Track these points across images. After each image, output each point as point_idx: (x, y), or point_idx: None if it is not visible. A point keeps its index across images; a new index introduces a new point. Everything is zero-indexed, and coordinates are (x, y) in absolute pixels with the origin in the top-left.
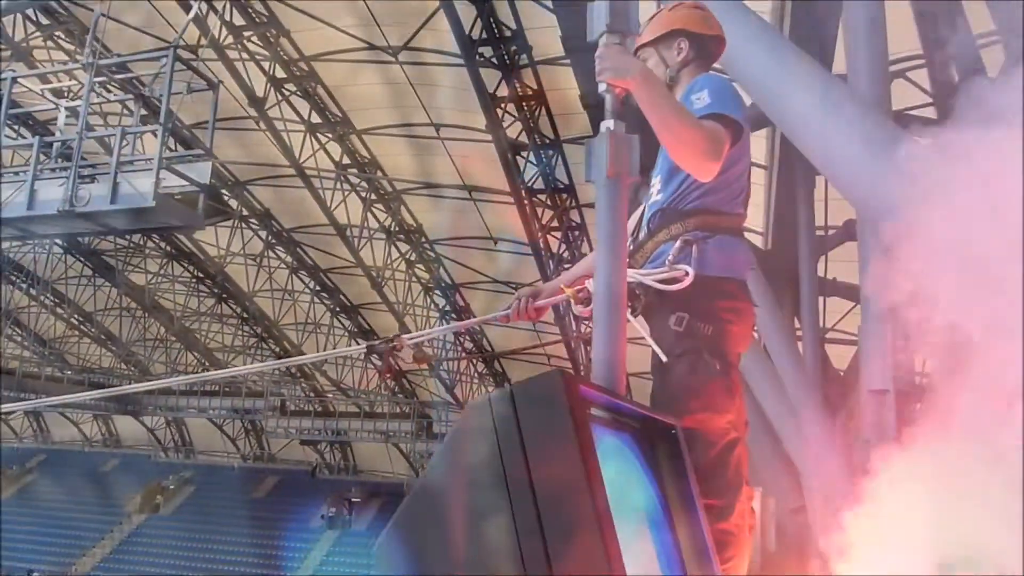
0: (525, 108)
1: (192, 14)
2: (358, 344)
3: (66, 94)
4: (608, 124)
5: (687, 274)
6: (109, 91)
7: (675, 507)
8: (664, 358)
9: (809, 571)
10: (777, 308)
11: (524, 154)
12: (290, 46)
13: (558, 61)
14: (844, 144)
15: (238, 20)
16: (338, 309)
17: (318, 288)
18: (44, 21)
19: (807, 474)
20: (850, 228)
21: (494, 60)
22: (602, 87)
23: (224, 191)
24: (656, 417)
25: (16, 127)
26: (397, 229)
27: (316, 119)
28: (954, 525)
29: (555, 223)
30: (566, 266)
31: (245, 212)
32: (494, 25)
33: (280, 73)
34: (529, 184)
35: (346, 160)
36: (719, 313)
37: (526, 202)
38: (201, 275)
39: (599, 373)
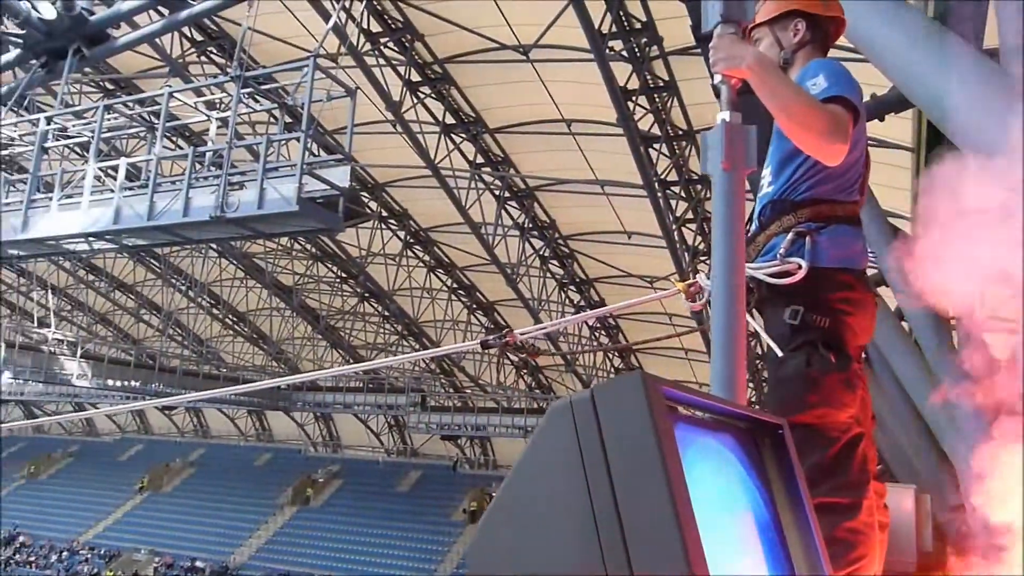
0: (656, 100)
1: (331, 23)
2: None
3: (217, 106)
4: (724, 115)
5: (800, 267)
6: (257, 101)
7: (782, 507)
8: (779, 352)
9: (969, 571)
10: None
11: (656, 146)
12: (424, 50)
13: (690, 51)
14: (996, 133)
15: (375, 27)
16: (474, 306)
17: (455, 286)
18: (198, 37)
19: (964, 471)
20: None
21: (624, 53)
22: (717, 78)
23: (364, 193)
24: (761, 417)
25: (174, 138)
26: (531, 225)
27: (450, 120)
28: None
29: (689, 215)
30: (702, 259)
31: (384, 213)
32: (624, 18)
33: (415, 76)
34: (662, 176)
35: (480, 159)
36: (835, 305)
37: (659, 195)
38: (344, 275)
39: (718, 368)
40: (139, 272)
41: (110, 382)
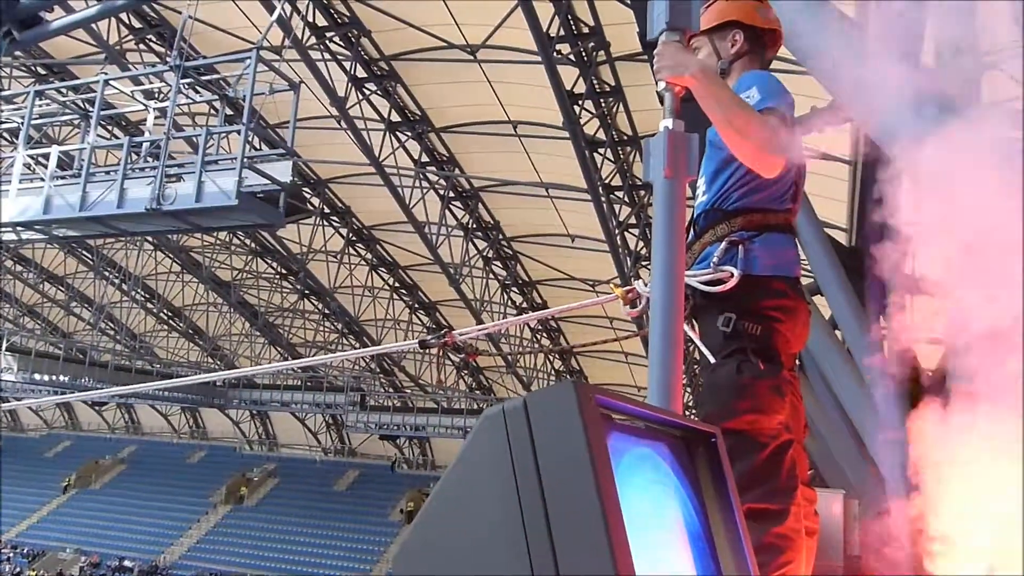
0: (603, 105)
1: (275, 15)
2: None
3: (156, 95)
4: (666, 123)
5: (732, 275)
6: (198, 92)
7: (713, 516)
8: (712, 359)
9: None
10: (860, 306)
11: (601, 151)
12: (371, 46)
13: (636, 57)
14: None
15: (321, 21)
16: (416, 306)
17: (397, 285)
18: (136, 24)
19: (892, 477)
20: None
21: (571, 57)
22: (661, 85)
23: (306, 189)
24: (694, 426)
25: (109, 128)
26: (475, 226)
27: (396, 118)
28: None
29: (633, 220)
30: (644, 264)
31: (326, 210)
32: (572, 22)
33: (361, 73)
34: (607, 181)
35: (425, 158)
36: (767, 312)
37: (603, 199)
38: (284, 271)
39: (656, 375)
40: (70, 264)
41: (37, 376)
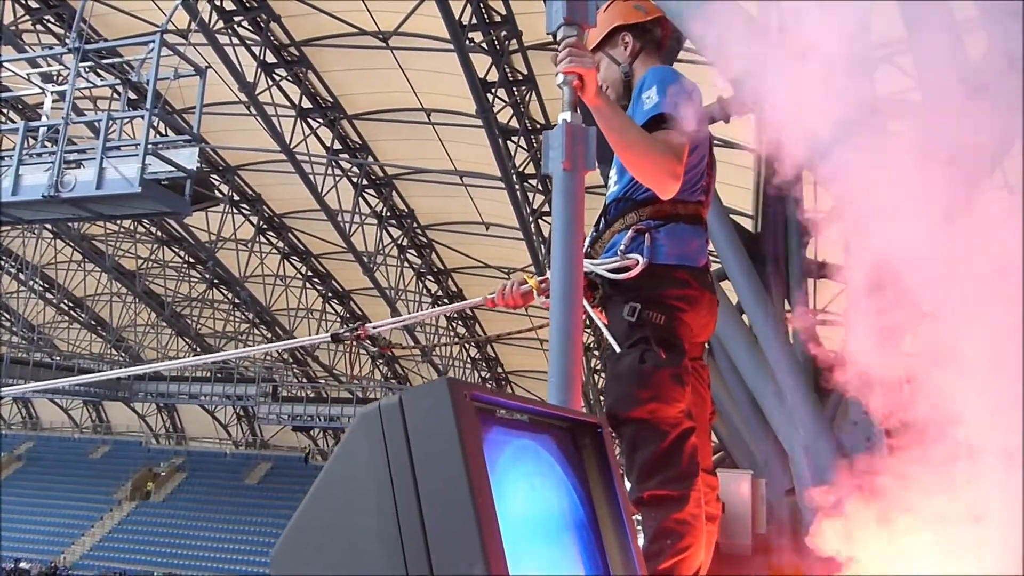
0: (515, 93)
1: None
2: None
3: (55, 78)
4: (565, 116)
5: (638, 263)
6: (99, 76)
7: (600, 506)
8: (618, 348)
9: (801, 551)
10: (764, 291)
11: (515, 139)
12: (280, 31)
13: (548, 47)
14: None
15: (228, 5)
16: (330, 295)
17: (310, 274)
18: (33, 4)
19: (796, 457)
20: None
21: (484, 45)
22: (559, 79)
23: (214, 176)
24: (579, 418)
25: (4, 111)
26: (389, 214)
27: (307, 104)
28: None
29: (546, 207)
30: None
31: (236, 197)
32: (484, 10)
33: (271, 58)
34: (520, 169)
35: (337, 145)
36: (670, 302)
37: (517, 187)
38: (192, 260)
39: (555, 363)
40: None
41: None
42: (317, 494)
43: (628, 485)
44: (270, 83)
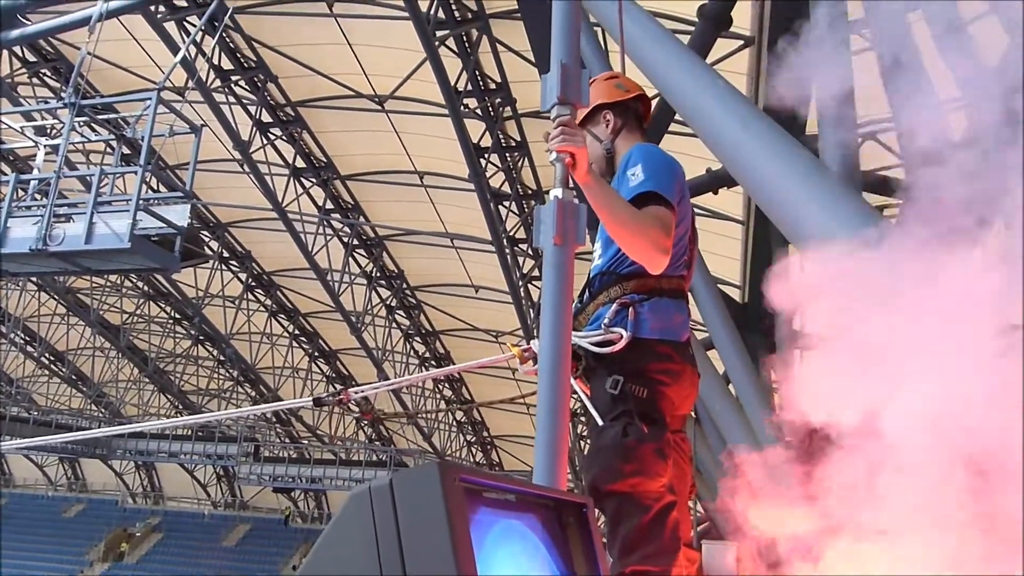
0: (508, 159)
1: (180, 57)
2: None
3: (49, 132)
4: (556, 192)
5: (622, 336)
6: (94, 130)
7: None
8: (600, 421)
9: None
10: (751, 361)
11: (506, 203)
12: (277, 91)
13: (542, 114)
14: (810, 216)
15: (226, 64)
16: (316, 354)
17: (297, 332)
18: (30, 57)
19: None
20: None
21: (478, 111)
22: (551, 156)
23: (204, 232)
24: (565, 497)
25: None
26: (378, 274)
27: (300, 163)
28: None
29: (536, 272)
30: None
31: (225, 254)
32: (479, 77)
33: (266, 117)
34: (511, 233)
35: (329, 205)
36: (653, 375)
37: (507, 251)
38: (178, 316)
39: (542, 435)
40: None
41: None
42: (306, 571)
43: (610, 560)
44: (265, 142)
